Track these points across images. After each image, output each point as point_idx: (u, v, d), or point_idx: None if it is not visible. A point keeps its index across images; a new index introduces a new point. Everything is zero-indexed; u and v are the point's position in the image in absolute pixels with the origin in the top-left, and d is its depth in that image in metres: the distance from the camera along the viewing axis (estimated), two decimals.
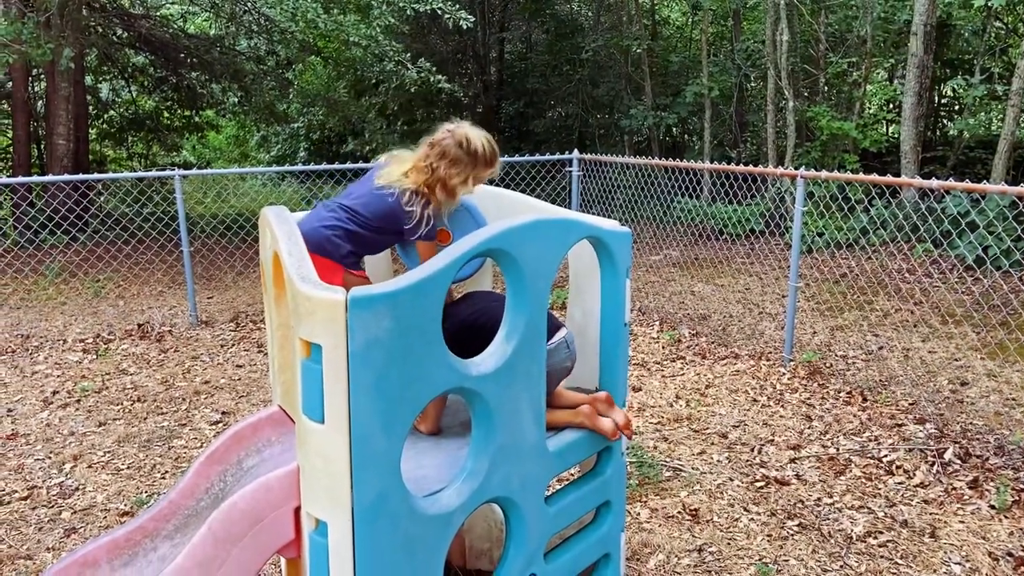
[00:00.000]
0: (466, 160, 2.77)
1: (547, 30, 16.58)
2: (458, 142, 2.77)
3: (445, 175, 2.77)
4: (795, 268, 5.55)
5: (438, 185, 2.79)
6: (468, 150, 2.77)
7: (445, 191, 2.80)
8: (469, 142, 2.78)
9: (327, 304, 2.00)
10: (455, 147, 2.76)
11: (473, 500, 2.36)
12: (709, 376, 5.55)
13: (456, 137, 2.78)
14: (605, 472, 2.91)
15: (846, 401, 4.97)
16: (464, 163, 2.78)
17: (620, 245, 2.78)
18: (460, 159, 2.77)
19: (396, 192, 2.78)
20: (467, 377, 2.27)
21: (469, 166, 2.79)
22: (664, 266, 9.76)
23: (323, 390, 2.05)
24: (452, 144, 2.77)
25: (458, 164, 2.77)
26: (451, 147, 2.76)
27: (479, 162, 2.80)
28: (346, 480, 2.08)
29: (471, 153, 2.78)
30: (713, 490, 3.92)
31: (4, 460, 4.47)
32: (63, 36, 10.27)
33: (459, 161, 2.77)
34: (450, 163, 2.76)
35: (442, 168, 2.76)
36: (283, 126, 18.40)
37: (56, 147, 12.05)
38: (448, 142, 2.77)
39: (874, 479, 4.00)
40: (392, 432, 2.10)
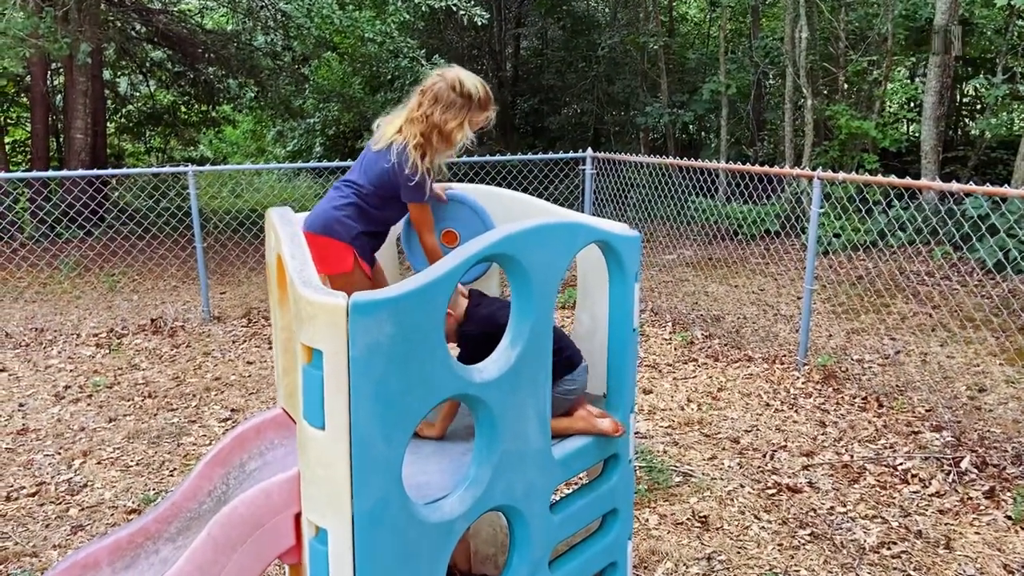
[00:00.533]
0: (460, 103, 2.68)
1: (563, 26, 16.50)
2: (451, 85, 2.68)
3: (440, 120, 2.68)
4: (811, 271, 5.47)
5: (434, 133, 2.70)
6: (462, 92, 2.68)
7: (442, 137, 2.71)
8: (462, 84, 2.69)
9: (328, 309, 1.96)
10: (448, 90, 2.67)
11: (476, 509, 2.32)
12: (721, 379, 5.48)
13: (448, 80, 2.69)
14: (612, 479, 2.86)
15: (861, 407, 4.90)
16: (459, 106, 2.68)
17: (629, 249, 2.73)
18: (454, 102, 2.68)
19: (393, 150, 2.70)
20: (470, 384, 2.23)
21: (464, 109, 2.70)
22: (678, 266, 9.68)
23: (323, 396, 2.02)
24: (445, 88, 2.67)
25: (452, 108, 2.68)
26: (444, 91, 2.67)
27: (474, 105, 2.71)
28: (346, 487, 2.05)
29: (465, 95, 2.68)
30: (723, 497, 3.87)
31: (14, 456, 4.48)
32: (81, 30, 10.31)
33: (453, 104, 2.68)
34: (444, 107, 2.67)
35: (436, 113, 2.67)
36: (299, 121, 18.41)
37: (74, 141, 12.12)
38: (441, 86, 2.68)
39: (889, 488, 3.93)
40: (393, 439, 2.06)
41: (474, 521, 2.37)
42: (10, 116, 16.09)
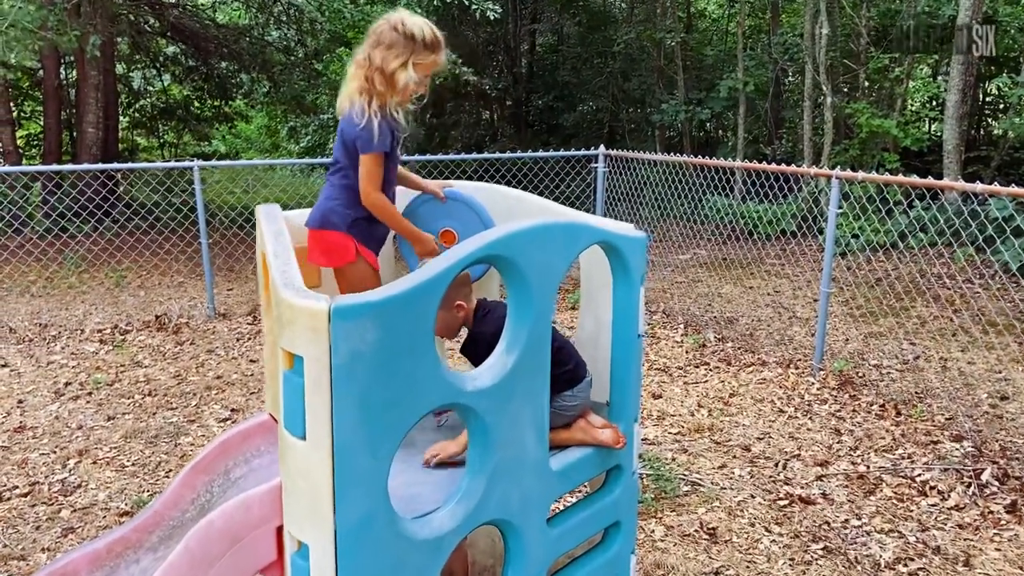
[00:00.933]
0: (402, 42, 2.56)
1: (578, 22, 16.33)
2: (392, 25, 2.57)
3: (381, 61, 2.56)
4: (828, 273, 5.31)
5: (376, 75, 2.57)
6: (404, 32, 2.56)
7: (385, 79, 2.58)
8: (404, 24, 2.57)
9: (309, 313, 1.84)
10: (390, 31, 2.57)
11: (468, 523, 2.19)
12: (734, 384, 5.33)
13: (391, 21, 2.58)
14: (614, 492, 2.73)
15: (878, 415, 4.74)
16: (400, 45, 2.56)
17: (634, 251, 2.59)
18: (396, 42, 2.56)
19: (355, 110, 2.62)
20: (462, 392, 2.10)
21: (407, 49, 2.57)
22: (692, 266, 9.52)
23: (304, 404, 1.90)
24: (387, 28, 2.57)
25: (394, 47, 2.56)
26: (385, 31, 2.57)
27: (418, 45, 2.58)
28: (328, 500, 1.93)
29: (408, 35, 2.56)
30: (733, 507, 3.73)
31: (9, 454, 4.40)
32: (92, 23, 10.26)
33: (395, 44, 2.56)
34: (386, 48, 2.56)
35: (378, 56, 2.56)
36: (312, 117, 18.35)
37: (85, 135, 12.09)
38: (382, 27, 2.58)
39: (906, 500, 3.77)
40: (378, 450, 1.94)
41: (467, 535, 2.26)
42: (24, 110, 16.12)
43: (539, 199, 2.99)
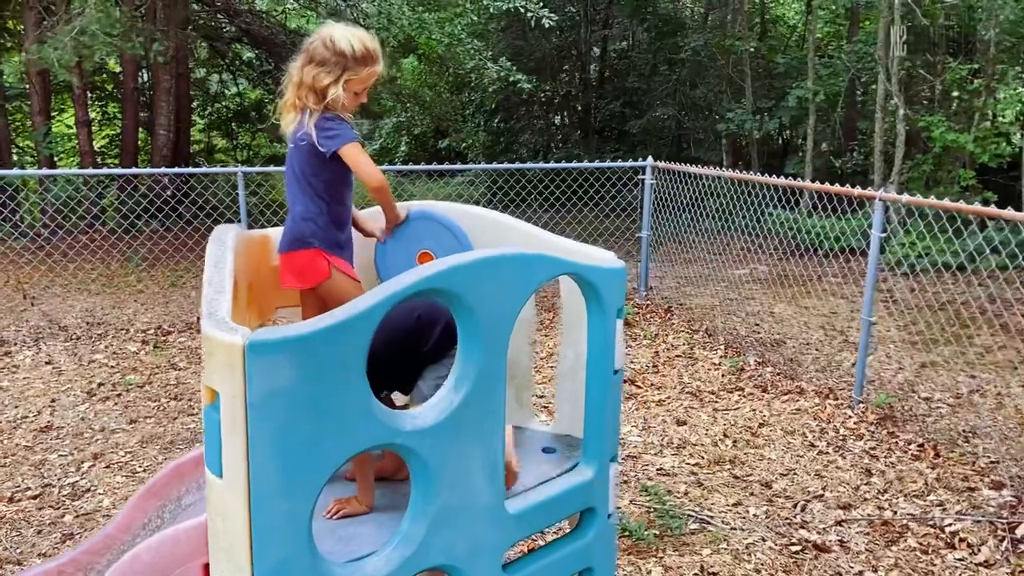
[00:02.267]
0: (333, 60, 2.53)
1: (647, 28, 16.05)
2: (323, 41, 2.54)
3: (312, 80, 2.54)
4: (869, 300, 5.01)
5: (309, 94, 2.56)
6: (334, 49, 2.52)
7: (314, 94, 2.55)
8: (333, 41, 2.53)
9: (225, 347, 1.77)
10: (321, 47, 2.54)
11: (405, 568, 2.08)
12: (766, 413, 5.08)
13: (321, 37, 2.55)
14: (586, 536, 2.58)
15: (915, 455, 4.42)
16: (331, 63, 2.53)
17: (609, 283, 2.44)
18: (326, 59, 2.53)
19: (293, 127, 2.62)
20: (399, 432, 1.99)
21: (338, 66, 2.54)
22: (747, 282, 9.20)
23: (220, 442, 1.83)
24: (318, 45, 2.55)
25: (325, 64, 2.54)
26: (317, 48, 2.55)
27: (349, 60, 2.54)
28: (244, 544, 1.85)
29: (338, 52, 2.52)
30: (741, 551, 3.52)
31: (30, 454, 4.51)
32: (163, 30, 10.58)
33: (326, 61, 2.54)
34: (317, 65, 2.54)
35: (308, 73, 2.54)
36: (382, 120, 18.57)
37: (157, 137, 12.49)
38: (314, 44, 2.56)
39: (931, 552, 3.49)
40: (298, 493, 1.85)
41: None
42: (108, 112, 16.77)
43: (527, 226, 2.85)
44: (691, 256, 9.38)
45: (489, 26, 13.26)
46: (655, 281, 9.01)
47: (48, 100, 12.44)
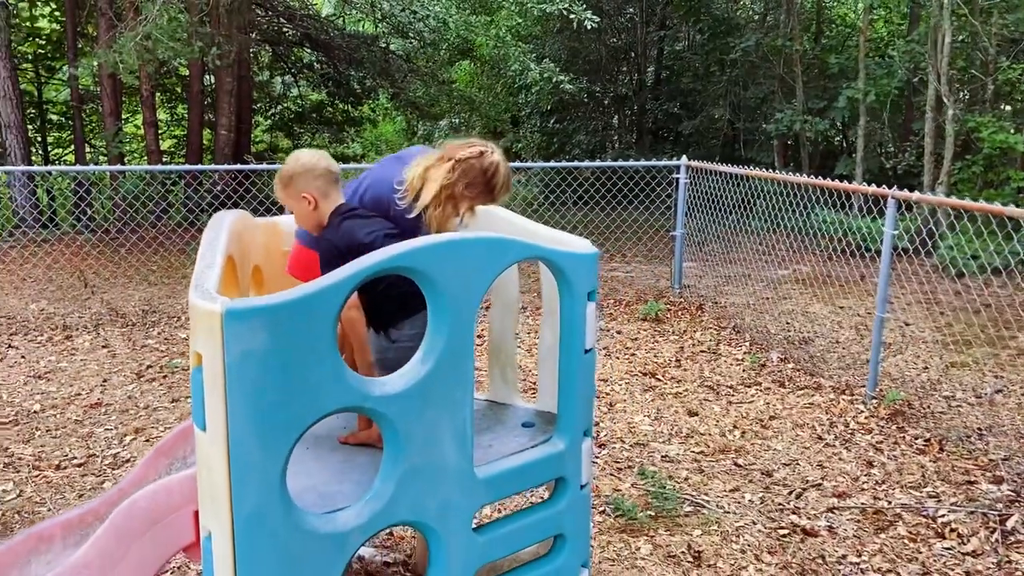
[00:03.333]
0: (483, 188, 2.70)
1: (700, 30, 16.04)
2: (484, 168, 2.69)
3: (459, 194, 2.69)
4: (883, 295, 5.04)
5: (447, 200, 2.69)
6: (489, 180, 2.70)
7: (452, 206, 2.71)
8: (496, 172, 2.70)
9: (206, 314, 2.01)
10: (480, 172, 2.69)
11: (375, 522, 2.29)
12: (778, 407, 5.16)
13: (484, 163, 2.69)
14: (558, 504, 2.76)
15: (920, 449, 4.46)
16: (480, 190, 2.71)
17: (577, 267, 2.62)
18: (478, 184, 2.69)
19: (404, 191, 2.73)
20: (368, 397, 2.21)
21: (484, 194, 2.72)
22: (787, 282, 9.19)
23: (203, 399, 2.07)
24: (479, 168, 2.68)
25: (474, 188, 2.70)
26: (477, 170, 2.68)
27: (492, 193, 2.73)
28: (225, 491, 2.08)
29: (491, 184, 2.70)
30: (730, 532, 3.64)
31: (79, 427, 4.88)
32: (225, 35, 11.06)
33: (476, 185, 2.69)
34: (468, 185, 2.69)
35: (460, 186, 2.68)
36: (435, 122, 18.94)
37: (219, 137, 13.04)
38: (476, 164, 2.68)
39: (919, 540, 3.56)
40: (270, 446, 2.07)
41: (372, 535, 2.36)
42: (177, 113, 17.53)
43: (514, 216, 3.04)
44: (736, 256, 9.42)
45: (537, 28, 13.44)
46: (694, 280, 9.08)
47: (118, 102, 13.10)
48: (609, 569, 3.35)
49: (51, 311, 7.68)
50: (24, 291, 8.53)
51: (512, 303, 3.14)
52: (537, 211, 12.99)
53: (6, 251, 10.61)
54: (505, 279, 3.16)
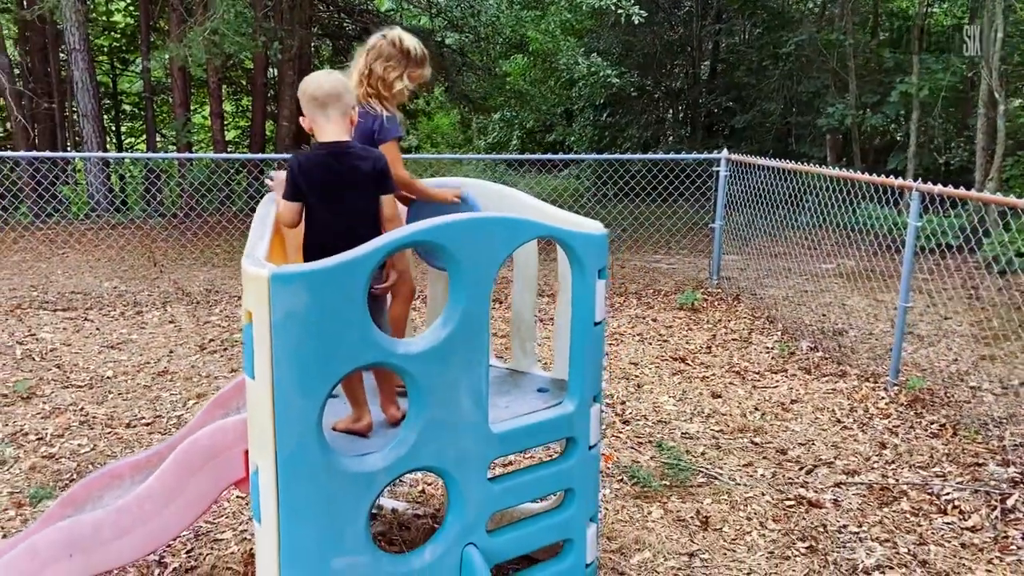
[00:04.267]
0: (398, 57, 3.06)
1: (754, 23, 16.02)
2: (391, 42, 3.06)
3: (383, 72, 3.05)
4: (906, 286, 5.19)
5: (379, 84, 3.06)
6: (401, 48, 3.06)
7: (385, 86, 3.07)
8: (401, 41, 3.07)
9: (255, 278, 2.35)
10: (388, 46, 3.06)
11: (398, 466, 2.61)
12: (801, 392, 5.35)
13: (389, 38, 3.08)
14: (569, 460, 3.04)
15: (934, 433, 4.62)
16: (397, 59, 3.06)
17: (587, 247, 2.89)
18: (393, 56, 3.06)
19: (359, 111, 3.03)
20: (393, 354, 2.52)
21: (403, 63, 3.07)
22: (830, 276, 9.28)
23: (253, 351, 2.41)
24: (386, 44, 3.06)
25: (391, 60, 3.06)
26: (385, 47, 3.06)
27: (411, 60, 3.09)
28: (270, 431, 2.42)
29: (404, 51, 3.06)
30: (739, 501, 3.88)
31: (148, 391, 5.34)
32: (286, 29, 11.56)
33: (392, 57, 3.06)
34: (385, 60, 3.05)
35: (379, 67, 3.05)
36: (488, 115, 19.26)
37: (280, 128, 13.59)
38: (383, 43, 3.07)
39: (919, 515, 3.75)
40: (309, 394, 2.40)
41: (397, 477, 2.68)
42: (242, 105, 18.20)
43: (530, 198, 3.33)
44: (780, 250, 9.53)
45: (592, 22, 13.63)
46: (735, 272, 9.22)
47: (187, 93, 13.74)
48: (621, 529, 3.62)
49: (123, 289, 8.24)
50: (99, 270, 9.13)
51: (532, 281, 3.43)
52: (584, 205, 13.25)
53: (83, 232, 11.29)
54: (526, 259, 3.46)
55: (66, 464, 4.27)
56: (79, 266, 9.34)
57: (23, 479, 4.09)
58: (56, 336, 6.54)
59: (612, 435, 4.65)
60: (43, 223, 11.64)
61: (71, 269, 9.18)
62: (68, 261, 9.63)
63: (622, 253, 10.66)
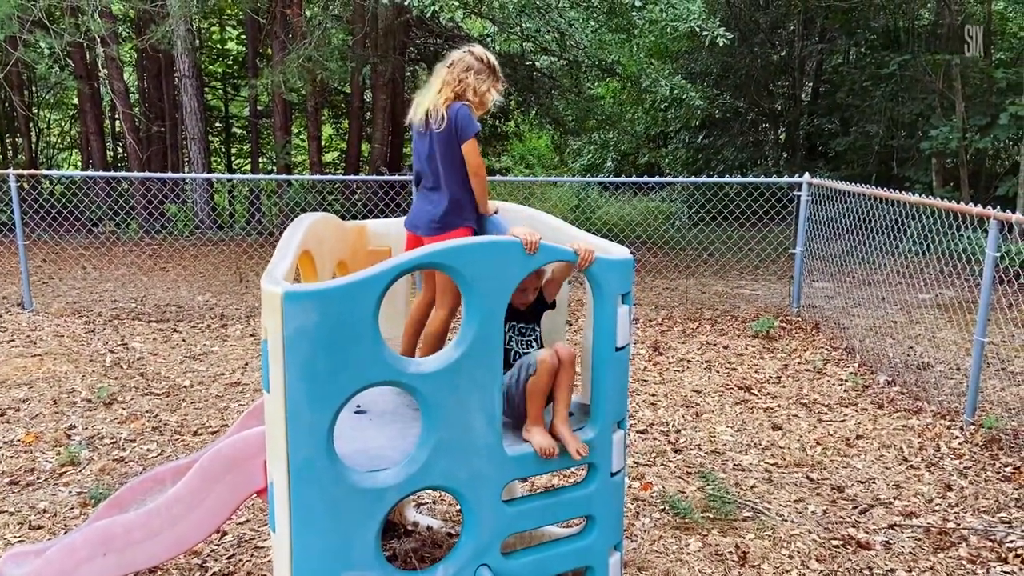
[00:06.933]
0: (487, 72, 3.26)
1: (856, 43, 15.52)
2: (478, 58, 3.26)
3: (474, 83, 3.23)
4: (983, 320, 4.91)
5: (469, 91, 3.22)
6: (488, 63, 3.26)
7: (476, 96, 3.24)
8: (487, 56, 3.28)
9: (269, 296, 2.45)
10: (476, 61, 3.25)
11: (410, 483, 2.65)
12: (869, 427, 5.11)
13: (476, 54, 3.27)
14: (589, 487, 3.01)
15: (1007, 476, 4.33)
16: (486, 73, 3.26)
17: (607, 271, 2.88)
18: (482, 70, 3.25)
19: (439, 115, 3.18)
20: (403, 373, 2.58)
21: (491, 77, 3.27)
22: (925, 306, 8.84)
23: (268, 366, 2.50)
24: (473, 60, 3.25)
25: (481, 74, 3.25)
26: (472, 61, 3.25)
27: (495, 74, 3.29)
28: (283, 443, 2.51)
29: (490, 66, 3.27)
30: (783, 538, 3.74)
31: (219, 401, 5.58)
32: (380, 55, 11.94)
33: (481, 71, 3.25)
34: (476, 73, 3.24)
35: (470, 78, 3.22)
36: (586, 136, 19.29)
37: (374, 150, 14.01)
38: (469, 59, 3.25)
39: (978, 563, 3.52)
40: (319, 408, 2.48)
41: (409, 494, 2.71)
42: (341, 128, 18.86)
43: (552, 219, 3.35)
44: (875, 277, 9.17)
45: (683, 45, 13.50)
46: (822, 300, 8.91)
47: (288, 117, 14.35)
48: (654, 560, 3.55)
49: (213, 303, 8.64)
50: (194, 284, 9.62)
51: (561, 303, 3.42)
52: (679, 228, 13.08)
53: (186, 248, 11.93)
54: None
55: (133, 468, 4.51)
56: (176, 280, 9.86)
57: (92, 480, 4.34)
58: (145, 346, 6.92)
59: (661, 464, 4.57)
60: (151, 239, 12.37)
61: (169, 283, 9.70)
62: (168, 275, 10.18)
63: (706, 278, 10.47)
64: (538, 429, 2.86)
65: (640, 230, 12.08)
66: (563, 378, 2.88)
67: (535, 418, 2.88)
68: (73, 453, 4.60)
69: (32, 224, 10.78)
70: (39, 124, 17.54)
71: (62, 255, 10.65)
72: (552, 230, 3.24)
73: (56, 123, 19.01)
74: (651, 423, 5.18)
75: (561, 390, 2.90)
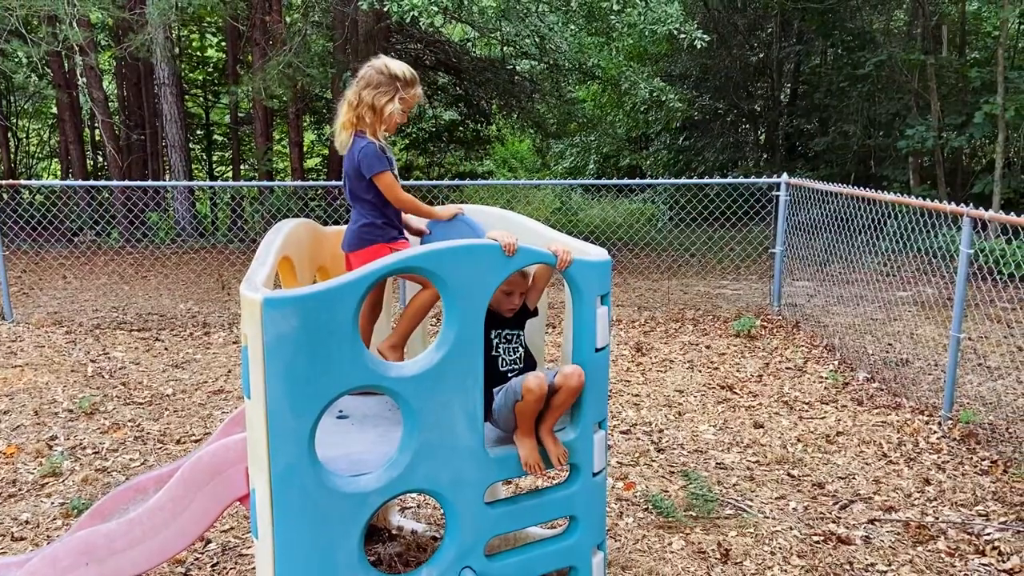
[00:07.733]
0: (387, 82, 3.05)
1: (831, 44, 15.67)
2: (378, 70, 3.07)
3: (372, 100, 3.05)
4: (958, 317, 4.97)
5: (365, 111, 3.06)
6: (388, 73, 3.06)
7: (374, 113, 3.06)
8: (387, 66, 3.07)
9: (249, 302, 2.46)
10: (376, 73, 3.06)
11: (392, 487, 2.67)
12: (849, 424, 5.16)
13: (375, 66, 3.08)
14: (571, 487, 3.03)
15: (984, 470, 4.39)
16: (386, 84, 3.05)
17: (586, 273, 2.90)
18: (382, 82, 3.05)
19: (340, 139, 3.12)
20: (384, 377, 2.59)
21: (392, 87, 3.06)
22: (904, 304, 8.93)
23: (248, 372, 2.51)
24: (374, 73, 3.07)
25: (381, 86, 3.05)
26: (372, 75, 3.06)
27: (401, 82, 3.07)
28: (264, 449, 2.52)
29: (392, 75, 3.06)
30: (765, 535, 3.78)
31: (201, 409, 5.57)
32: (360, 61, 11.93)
33: (381, 84, 3.05)
34: (375, 88, 3.05)
35: (368, 95, 3.05)
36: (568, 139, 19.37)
37: None
38: (370, 72, 3.08)
39: (956, 555, 3.57)
40: (300, 413, 2.49)
41: (391, 498, 2.73)
42: (323, 133, 18.83)
43: (531, 222, 3.36)
44: (856, 276, 9.26)
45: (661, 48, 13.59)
46: (803, 299, 8.99)
47: (268, 123, 14.32)
48: (637, 559, 3.57)
49: (196, 310, 8.61)
50: (176, 292, 9.58)
51: (542, 307, 3.44)
52: (660, 229, 13.14)
53: (168, 256, 11.87)
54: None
55: (116, 477, 4.49)
56: (158, 288, 9.82)
57: (75, 490, 4.32)
58: (127, 355, 6.89)
59: (644, 464, 4.60)
60: (132, 247, 12.30)
61: (151, 291, 9.65)
62: (150, 284, 10.13)
63: (688, 278, 10.54)
64: (528, 441, 2.87)
65: (622, 232, 12.15)
66: (562, 398, 2.83)
67: (526, 432, 2.89)
68: (55, 464, 4.58)
69: (12, 235, 10.70)
70: (18, 134, 17.41)
71: (42, 265, 10.58)
72: (527, 231, 3.26)
73: (35, 132, 18.88)
74: (634, 423, 5.21)
75: (555, 409, 2.87)
